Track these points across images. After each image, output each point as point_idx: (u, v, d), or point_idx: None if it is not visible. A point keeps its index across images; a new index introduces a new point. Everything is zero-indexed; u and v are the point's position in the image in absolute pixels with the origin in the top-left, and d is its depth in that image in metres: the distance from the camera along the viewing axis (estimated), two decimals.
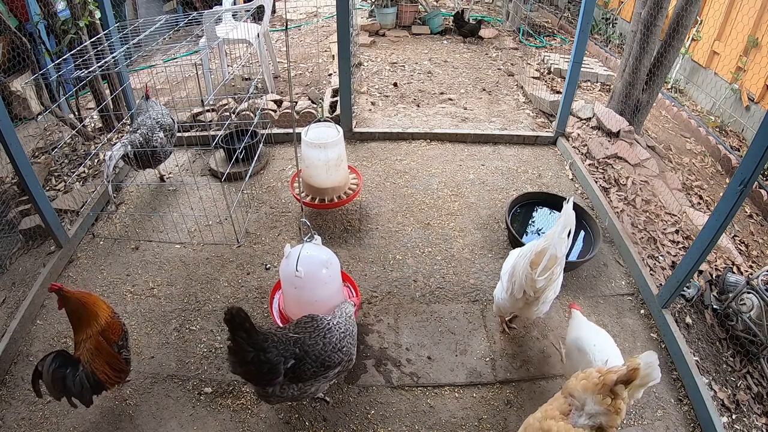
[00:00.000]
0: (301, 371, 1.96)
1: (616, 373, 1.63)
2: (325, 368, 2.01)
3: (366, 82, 5.59)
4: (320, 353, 1.99)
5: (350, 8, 4.03)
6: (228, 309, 1.82)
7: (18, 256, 3.19)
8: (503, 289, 2.46)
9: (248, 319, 1.86)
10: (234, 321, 1.82)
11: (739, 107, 5.33)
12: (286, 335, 1.99)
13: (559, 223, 2.14)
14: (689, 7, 3.89)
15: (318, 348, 1.99)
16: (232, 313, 1.82)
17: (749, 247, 3.76)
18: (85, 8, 3.97)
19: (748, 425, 2.35)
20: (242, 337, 1.85)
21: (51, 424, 2.25)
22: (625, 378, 1.62)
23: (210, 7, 6.91)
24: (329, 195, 3.33)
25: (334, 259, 2.44)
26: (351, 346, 2.12)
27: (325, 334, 2.03)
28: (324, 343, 2.01)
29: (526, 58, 6.47)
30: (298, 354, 1.95)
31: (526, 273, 2.22)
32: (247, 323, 1.85)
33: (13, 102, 4.52)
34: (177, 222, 3.39)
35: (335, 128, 3.26)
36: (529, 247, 2.29)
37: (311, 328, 2.04)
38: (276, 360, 1.90)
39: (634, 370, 1.61)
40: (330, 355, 2.01)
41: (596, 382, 1.68)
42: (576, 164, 4.02)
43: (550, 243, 2.15)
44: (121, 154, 3.21)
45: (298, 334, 2.01)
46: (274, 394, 1.97)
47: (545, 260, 2.16)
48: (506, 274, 2.44)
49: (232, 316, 1.82)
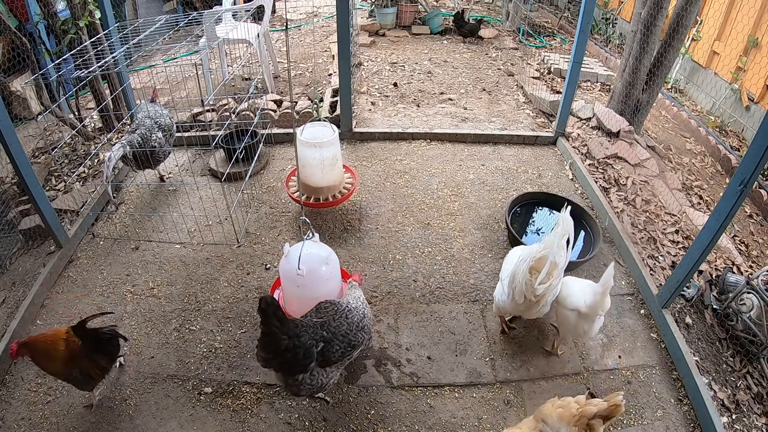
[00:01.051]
0: (329, 353, 2.02)
1: (596, 406, 1.60)
2: (351, 347, 2.09)
3: (366, 82, 5.59)
4: (346, 333, 2.07)
5: (350, 8, 4.03)
6: (261, 298, 1.85)
7: (18, 256, 3.19)
8: (503, 291, 2.47)
9: (280, 308, 1.90)
10: (268, 310, 1.85)
11: (739, 107, 5.33)
12: (311, 321, 2.05)
13: (557, 232, 2.14)
14: (689, 7, 3.88)
15: (344, 329, 2.06)
16: (267, 302, 1.84)
17: (749, 247, 3.75)
18: (85, 8, 3.97)
19: (748, 425, 2.35)
20: (276, 326, 1.88)
21: (51, 424, 2.25)
22: (605, 413, 1.60)
23: (210, 7, 6.91)
24: (324, 194, 3.33)
25: (333, 256, 2.45)
26: (370, 324, 2.21)
27: (347, 315, 2.10)
28: (348, 323, 2.09)
29: (526, 58, 6.47)
30: (326, 337, 2.02)
31: (526, 280, 2.24)
32: (280, 311, 1.89)
33: (13, 102, 4.52)
34: (177, 222, 3.39)
35: (330, 128, 3.26)
36: (528, 252, 2.29)
37: (332, 311, 2.11)
38: (309, 344, 1.96)
39: (616, 406, 1.59)
40: (355, 333, 2.09)
41: (574, 413, 1.65)
42: (576, 164, 4.02)
43: (550, 251, 2.15)
44: (120, 155, 3.21)
45: (321, 318, 2.07)
46: (304, 382, 2.00)
47: (545, 269, 2.17)
48: (506, 277, 2.45)
49: (267, 305, 1.84)
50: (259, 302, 1.84)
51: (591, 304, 2.29)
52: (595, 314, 2.31)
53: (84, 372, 2.14)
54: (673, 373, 2.56)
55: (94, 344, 2.15)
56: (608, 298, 2.32)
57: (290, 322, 1.95)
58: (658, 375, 2.55)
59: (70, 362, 2.09)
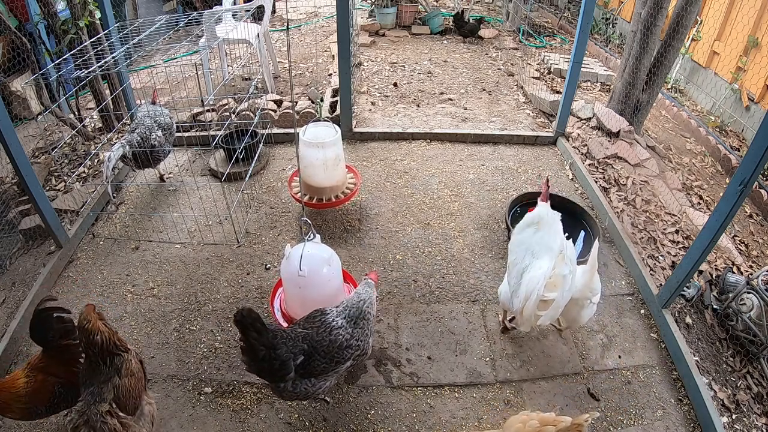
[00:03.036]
0: (311, 367, 1.98)
1: (556, 427, 1.59)
2: (335, 363, 2.03)
3: (366, 82, 5.59)
4: (328, 349, 2.00)
5: (350, 8, 4.02)
6: (238, 310, 1.83)
7: (18, 256, 3.19)
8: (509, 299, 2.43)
9: (259, 319, 1.88)
10: (245, 322, 1.85)
11: (739, 107, 5.33)
12: (295, 331, 2.02)
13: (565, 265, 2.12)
14: (689, 7, 3.88)
15: (325, 344, 2.00)
16: (242, 314, 1.84)
17: (749, 247, 3.75)
18: (85, 8, 3.97)
19: (748, 425, 2.35)
20: (253, 337, 1.88)
21: (51, 424, 2.25)
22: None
23: (210, 7, 6.91)
24: (327, 194, 3.33)
25: (335, 257, 2.44)
26: (363, 339, 2.10)
27: (331, 331, 2.03)
28: (330, 340, 2.01)
29: (526, 58, 6.47)
30: (306, 350, 1.98)
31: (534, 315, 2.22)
32: (258, 323, 1.87)
33: (13, 102, 4.52)
34: (177, 222, 3.39)
35: (333, 128, 3.26)
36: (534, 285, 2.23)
37: (319, 323, 2.06)
38: (285, 356, 1.93)
39: (578, 426, 1.58)
40: (338, 351, 2.02)
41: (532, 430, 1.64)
42: (576, 164, 4.02)
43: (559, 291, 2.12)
44: (119, 155, 3.21)
45: (306, 330, 2.03)
46: (286, 390, 1.99)
47: (550, 312, 2.15)
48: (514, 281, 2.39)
49: (242, 317, 1.84)
50: (234, 315, 1.83)
51: (580, 286, 2.27)
52: (584, 297, 2.30)
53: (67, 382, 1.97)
54: (673, 373, 2.56)
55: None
56: (597, 279, 2.30)
57: (269, 333, 1.92)
58: (658, 375, 2.55)
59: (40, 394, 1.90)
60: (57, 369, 1.98)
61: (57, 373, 1.97)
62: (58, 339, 1.98)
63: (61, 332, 1.99)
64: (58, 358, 1.99)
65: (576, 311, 2.38)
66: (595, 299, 2.37)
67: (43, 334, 1.95)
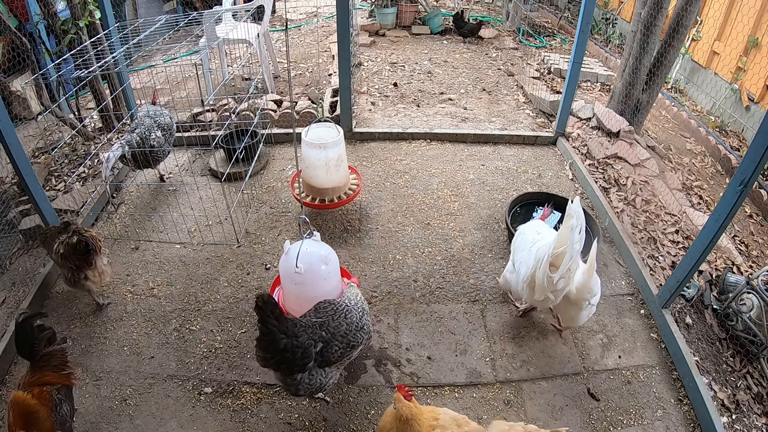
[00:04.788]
0: (328, 354, 2.01)
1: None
2: (350, 348, 2.07)
3: (366, 82, 5.59)
4: (345, 333, 2.05)
5: (350, 8, 4.02)
6: (259, 295, 1.81)
7: (18, 256, 3.19)
8: (518, 281, 2.47)
9: (278, 306, 1.88)
10: (266, 308, 1.83)
11: (739, 107, 5.33)
12: (311, 321, 2.04)
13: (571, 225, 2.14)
14: (689, 7, 3.88)
15: (343, 328, 2.04)
16: (264, 300, 1.82)
17: (749, 247, 3.75)
18: (85, 8, 3.98)
19: (748, 425, 2.35)
20: (273, 324, 1.87)
21: None
22: None
23: (210, 7, 6.91)
24: (329, 195, 3.33)
25: (333, 255, 2.44)
26: (369, 324, 2.19)
27: (346, 315, 2.08)
28: (347, 323, 2.06)
29: (526, 58, 6.47)
30: (325, 337, 2.00)
31: (547, 277, 2.25)
32: (278, 310, 1.88)
33: (13, 102, 4.52)
34: (177, 222, 3.39)
35: (335, 128, 3.26)
36: (544, 250, 2.29)
37: (332, 311, 2.09)
38: (308, 344, 1.94)
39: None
40: (354, 333, 2.07)
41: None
42: (576, 164, 4.02)
43: (568, 246, 2.15)
44: (119, 155, 3.21)
45: (320, 318, 2.06)
46: (302, 382, 1.99)
47: (565, 265, 2.18)
48: (521, 267, 2.45)
49: (264, 303, 1.82)
50: (256, 300, 1.82)
51: (579, 286, 2.30)
52: (582, 299, 2.31)
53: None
54: (673, 373, 2.56)
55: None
56: (597, 280, 2.33)
57: (288, 321, 1.95)
58: (658, 375, 2.55)
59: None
60: (49, 377, 1.99)
61: (50, 381, 1.98)
62: (43, 348, 2.00)
63: (44, 340, 2.02)
64: (47, 366, 2.00)
65: (574, 312, 2.38)
66: (594, 300, 2.37)
67: (30, 346, 1.98)
